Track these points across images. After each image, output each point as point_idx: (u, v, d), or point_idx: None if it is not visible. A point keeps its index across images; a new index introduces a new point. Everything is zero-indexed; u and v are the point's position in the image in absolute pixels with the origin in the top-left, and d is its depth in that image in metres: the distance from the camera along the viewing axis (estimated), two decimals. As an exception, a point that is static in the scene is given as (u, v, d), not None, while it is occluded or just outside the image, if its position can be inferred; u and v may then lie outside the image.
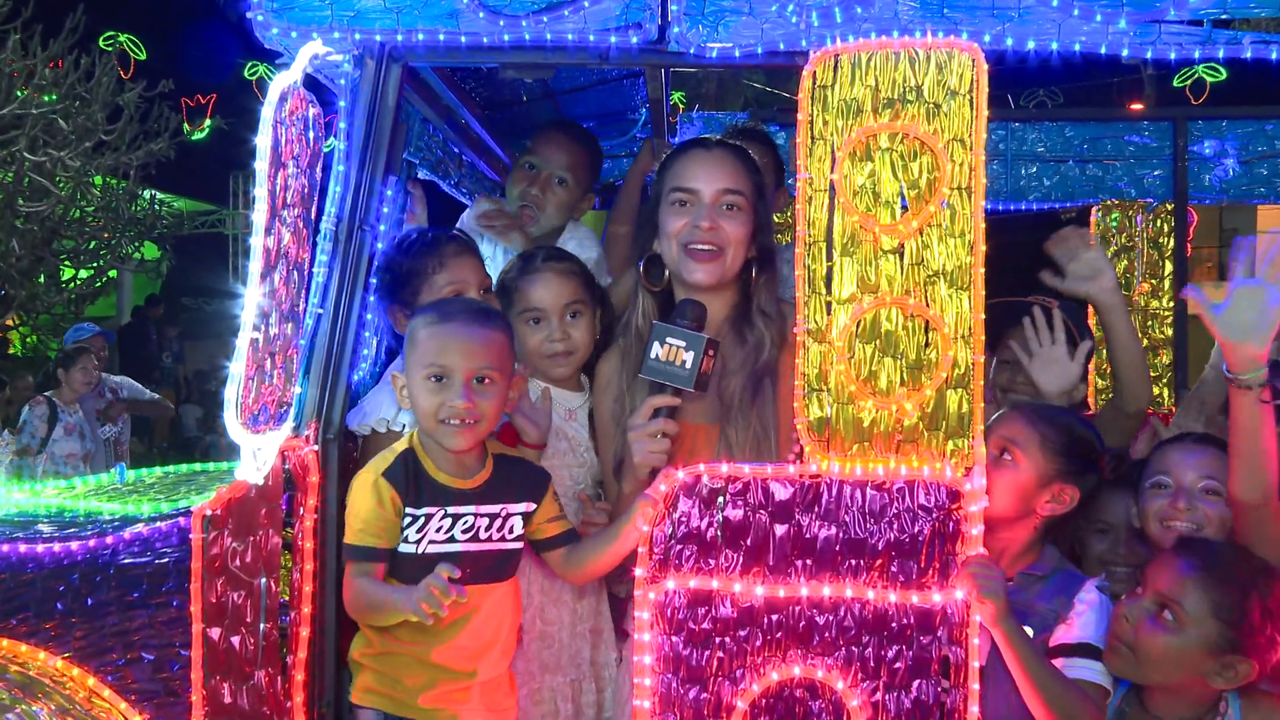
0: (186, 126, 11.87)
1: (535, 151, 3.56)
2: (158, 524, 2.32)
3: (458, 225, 3.74)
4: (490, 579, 2.41)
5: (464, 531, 2.39)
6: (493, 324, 2.47)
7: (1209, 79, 11.93)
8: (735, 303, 2.66)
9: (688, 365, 2.36)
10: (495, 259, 3.47)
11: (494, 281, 2.96)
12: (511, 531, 2.45)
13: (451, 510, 2.38)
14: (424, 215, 3.61)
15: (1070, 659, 2.37)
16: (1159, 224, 4.62)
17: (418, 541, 2.35)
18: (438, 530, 2.36)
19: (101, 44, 11.72)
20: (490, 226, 3.47)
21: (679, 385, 2.37)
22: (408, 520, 2.35)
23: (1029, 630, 2.39)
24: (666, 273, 2.64)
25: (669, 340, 2.37)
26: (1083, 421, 2.65)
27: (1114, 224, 4.62)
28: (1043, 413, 2.56)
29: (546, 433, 2.71)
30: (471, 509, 2.40)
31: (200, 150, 13.42)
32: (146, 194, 11.92)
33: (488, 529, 2.41)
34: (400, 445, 2.46)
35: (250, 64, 14.22)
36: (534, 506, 2.47)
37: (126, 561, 2.29)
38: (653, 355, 2.37)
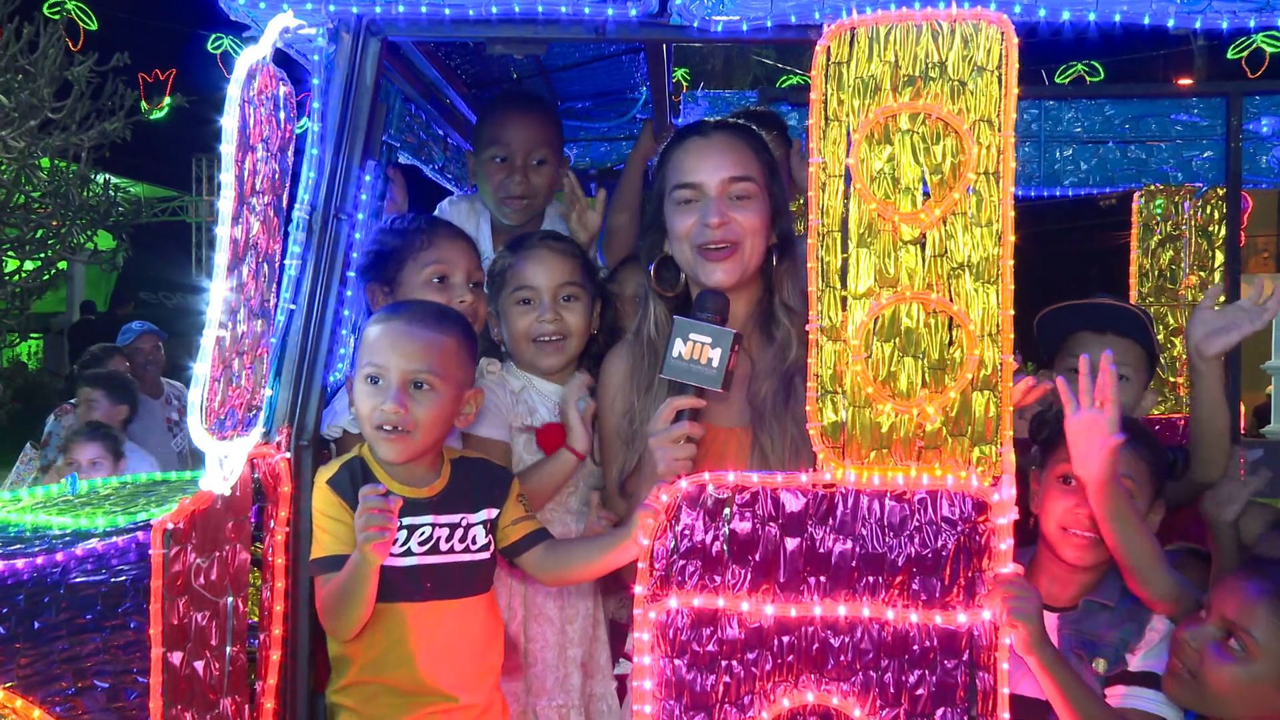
0: (144, 104, 11.89)
1: (499, 140, 3.49)
2: (113, 539, 2.32)
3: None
4: (456, 593, 2.44)
5: (421, 543, 2.42)
6: (444, 327, 2.48)
7: (1269, 49, 11.91)
8: (758, 298, 2.67)
9: (714, 363, 2.37)
10: (488, 259, 3.51)
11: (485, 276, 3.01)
12: (475, 542, 2.48)
13: (406, 521, 2.41)
14: (405, 203, 3.64)
15: (1129, 687, 2.40)
16: (1209, 210, 4.64)
17: None
18: (393, 543, 2.39)
19: (46, 11, 11.74)
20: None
21: (706, 385, 2.38)
22: None
23: (1102, 662, 2.42)
24: (681, 276, 2.66)
25: (693, 337, 2.38)
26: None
27: (1158, 211, 4.64)
28: (1139, 435, 2.59)
29: (592, 444, 2.76)
30: (429, 519, 2.44)
31: (159, 131, 13.46)
32: (100, 178, 11.92)
33: (448, 539, 2.45)
34: (351, 454, 2.51)
35: (214, 37, 14.24)
36: (495, 513, 2.51)
37: (78, 580, 2.29)
38: (675, 353, 2.38)
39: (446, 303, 2.77)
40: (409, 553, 2.41)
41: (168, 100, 13.42)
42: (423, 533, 2.43)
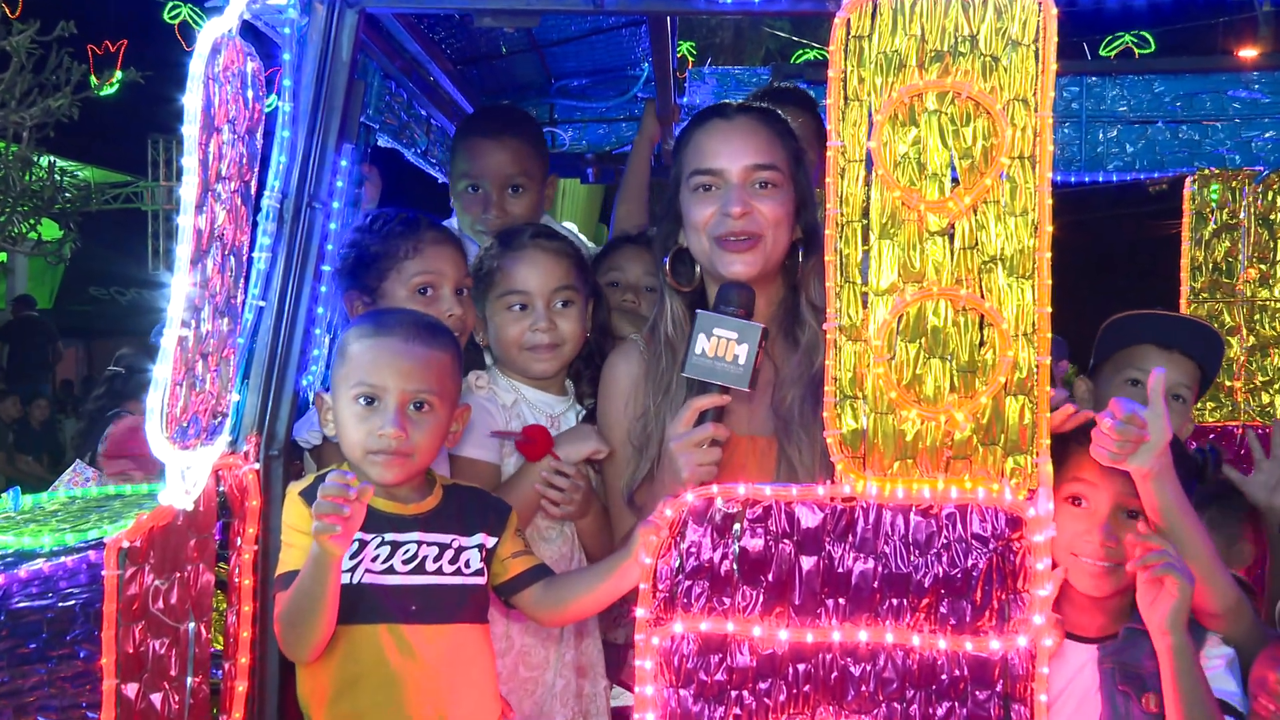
0: (93, 79, 11.88)
1: (469, 172, 3.54)
2: (62, 559, 2.32)
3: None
4: (446, 618, 2.46)
5: (405, 561, 2.44)
6: (439, 341, 2.53)
7: (1346, 13, 11.83)
8: (781, 297, 2.72)
9: (741, 360, 2.41)
10: None
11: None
12: (468, 566, 2.50)
13: (390, 537, 2.44)
14: (376, 202, 3.67)
15: None
16: (1270, 197, 4.64)
17: (351, 570, 2.40)
18: (374, 559, 2.42)
19: (-21, -25, 11.72)
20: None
21: (732, 384, 2.42)
22: None
23: (1153, 697, 2.43)
24: (696, 270, 2.69)
25: (717, 332, 2.42)
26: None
27: (1213, 198, 4.64)
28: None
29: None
30: (415, 536, 2.46)
31: (110, 108, 13.44)
32: (44, 161, 11.93)
33: (436, 559, 2.47)
34: (329, 469, 2.51)
35: (171, 5, 14.25)
36: (492, 541, 2.53)
37: (21, 605, 2.30)
38: (698, 350, 2.42)
39: (433, 315, 2.80)
40: (391, 570, 2.43)
41: (119, 75, 13.37)
42: (407, 550, 2.45)
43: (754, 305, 2.50)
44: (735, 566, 2.25)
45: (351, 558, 2.40)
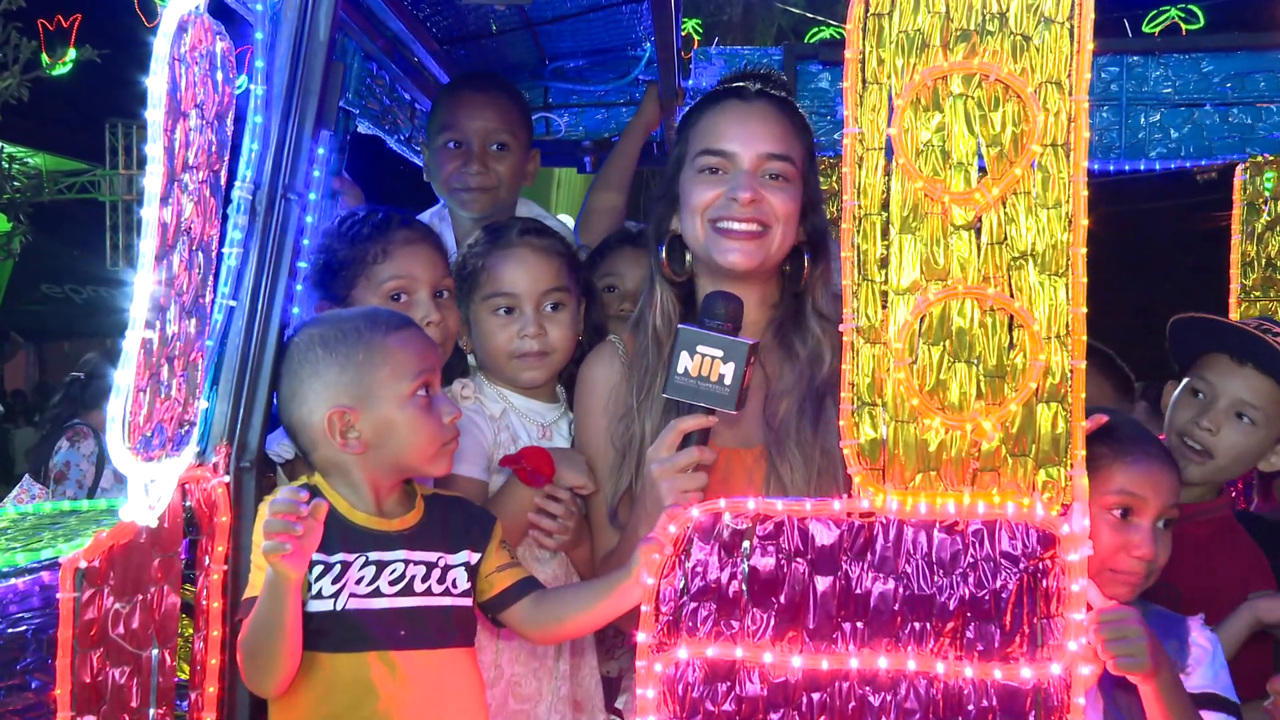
0: (45, 57, 11.91)
1: (452, 125, 3.63)
2: (12, 581, 2.33)
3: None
4: (434, 643, 2.47)
5: (392, 583, 2.46)
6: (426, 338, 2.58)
7: None
8: (777, 301, 2.75)
9: (727, 381, 2.41)
10: None
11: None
12: (456, 585, 2.52)
13: (374, 556, 2.45)
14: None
15: (1205, 713, 2.48)
16: (1329, 186, 4.65)
17: (335, 595, 2.42)
18: (358, 581, 2.43)
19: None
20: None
21: (717, 406, 2.43)
22: (318, 570, 2.41)
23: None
24: (687, 260, 2.71)
25: (700, 350, 2.41)
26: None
27: (1266, 187, 4.65)
28: (1162, 449, 2.70)
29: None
30: (401, 554, 2.48)
31: (64, 90, 13.46)
32: (-8, 148, 11.96)
33: (424, 579, 2.49)
34: (300, 480, 2.55)
35: (131, -23, 14.28)
36: (476, 556, 2.55)
37: (-34, 632, 2.30)
38: (680, 369, 2.42)
39: None
40: (378, 593, 2.44)
41: (73, 53, 13.36)
42: (394, 570, 2.46)
43: (742, 318, 2.50)
44: (745, 587, 2.25)
45: (334, 582, 2.42)
